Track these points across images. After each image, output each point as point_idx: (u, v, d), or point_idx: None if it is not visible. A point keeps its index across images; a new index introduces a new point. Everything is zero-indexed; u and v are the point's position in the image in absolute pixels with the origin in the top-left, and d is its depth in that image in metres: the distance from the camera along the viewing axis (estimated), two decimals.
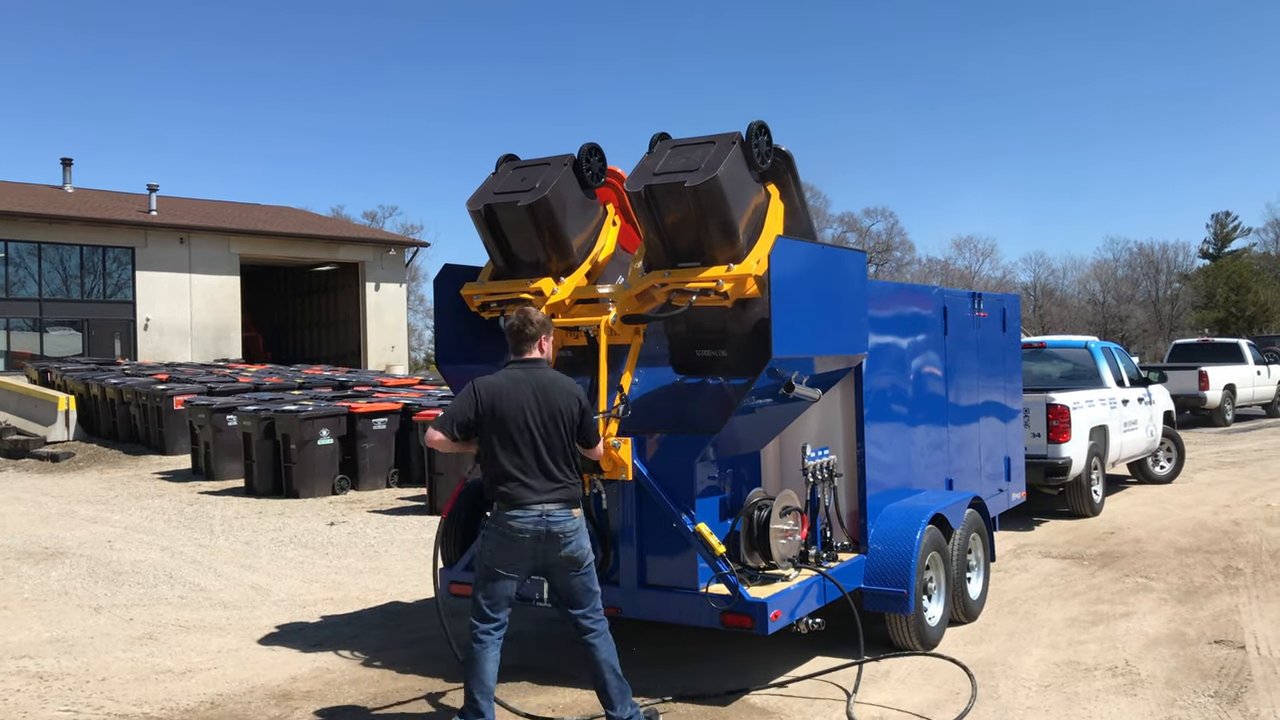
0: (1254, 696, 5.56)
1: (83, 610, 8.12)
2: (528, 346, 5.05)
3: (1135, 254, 70.92)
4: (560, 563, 4.90)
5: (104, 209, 34.38)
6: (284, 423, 14.08)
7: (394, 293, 39.22)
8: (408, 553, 10.16)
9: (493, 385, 4.94)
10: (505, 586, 4.91)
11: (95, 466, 18.24)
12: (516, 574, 4.91)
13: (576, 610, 4.98)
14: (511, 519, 4.82)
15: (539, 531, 4.82)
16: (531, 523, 4.81)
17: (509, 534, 4.83)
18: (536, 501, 4.83)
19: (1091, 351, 12.57)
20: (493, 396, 4.91)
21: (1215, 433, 20.77)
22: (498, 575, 4.88)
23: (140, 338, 33.02)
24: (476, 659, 4.88)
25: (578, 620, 4.98)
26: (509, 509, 4.83)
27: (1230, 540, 9.79)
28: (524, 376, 4.97)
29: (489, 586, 4.90)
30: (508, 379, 4.97)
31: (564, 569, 4.92)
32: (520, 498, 4.82)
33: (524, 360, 5.04)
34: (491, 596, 4.90)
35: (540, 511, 4.82)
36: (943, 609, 6.67)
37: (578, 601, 4.98)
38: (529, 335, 5.03)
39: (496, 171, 6.40)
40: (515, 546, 4.84)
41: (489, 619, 4.91)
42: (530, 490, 4.83)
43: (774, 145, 5.98)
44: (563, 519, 4.86)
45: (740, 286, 5.56)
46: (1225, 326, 55.00)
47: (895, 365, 7.05)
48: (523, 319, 5.05)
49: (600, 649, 4.95)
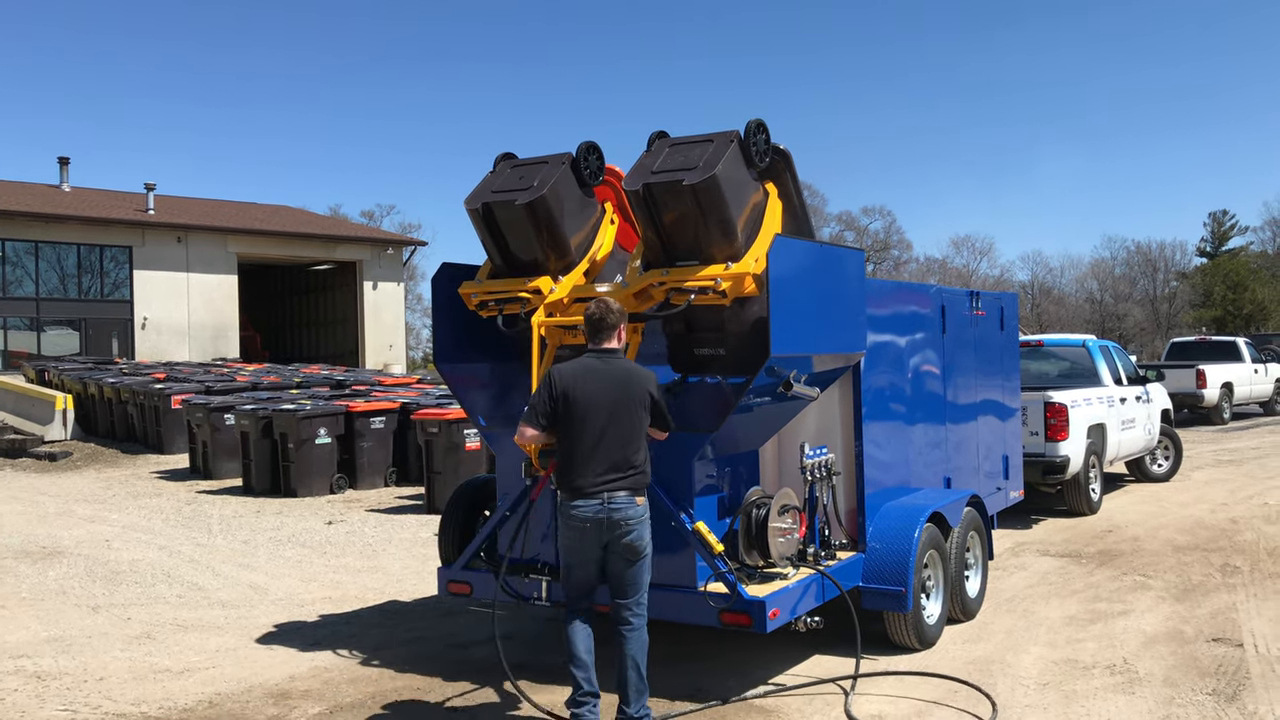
0: (1252, 694, 5.57)
1: (80, 610, 8.11)
2: (606, 336, 5.15)
3: (1133, 252, 71.07)
4: (620, 549, 4.97)
5: (101, 208, 34.35)
6: (282, 422, 14.08)
7: (392, 292, 39.20)
8: (406, 552, 10.16)
9: (568, 373, 5.06)
10: (576, 574, 5.04)
11: (93, 466, 18.23)
12: (587, 563, 5.00)
13: (621, 599, 5.04)
14: (574, 508, 4.94)
15: (600, 519, 4.91)
16: (593, 510, 4.91)
17: (573, 523, 4.96)
18: (601, 489, 4.92)
19: (1089, 350, 12.58)
20: (567, 384, 5.01)
21: (1213, 431, 20.79)
22: (569, 565, 5.03)
23: (138, 337, 32.99)
24: (569, 637, 5.02)
25: (620, 609, 5.05)
26: (573, 498, 4.95)
27: (1228, 538, 9.80)
28: (600, 365, 5.09)
29: (565, 575, 5.08)
30: (583, 367, 5.09)
31: (622, 556, 4.98)
32: (583, 487, 4.93)
33: (601, 350, 5.15)
34: (570, 584, 5.06)
35: (603, 499, 4.92)
36: (941, 607, 6.67)
37: (624, 591, 5.03)
38: (609, 324, 5.14)
39: (494, 170, 6.39)
40: (580, 535, 4.96)
41: (573, 604, 5.08)
42: (595, 477, 4.93)
43: (772, 144, 5.97)
44: (625, 505, 4.94)
45: (739, 285, 5.56)
46: (1223, 325, 55.07)
47: (893, 364, 7.05)
48: (603, 308, 5.16)
49: (631, 642, 4.99)
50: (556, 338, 6.12)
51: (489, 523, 6.40)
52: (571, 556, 5.02)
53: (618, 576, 5.02)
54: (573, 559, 5.01)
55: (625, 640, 4.99)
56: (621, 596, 5.04)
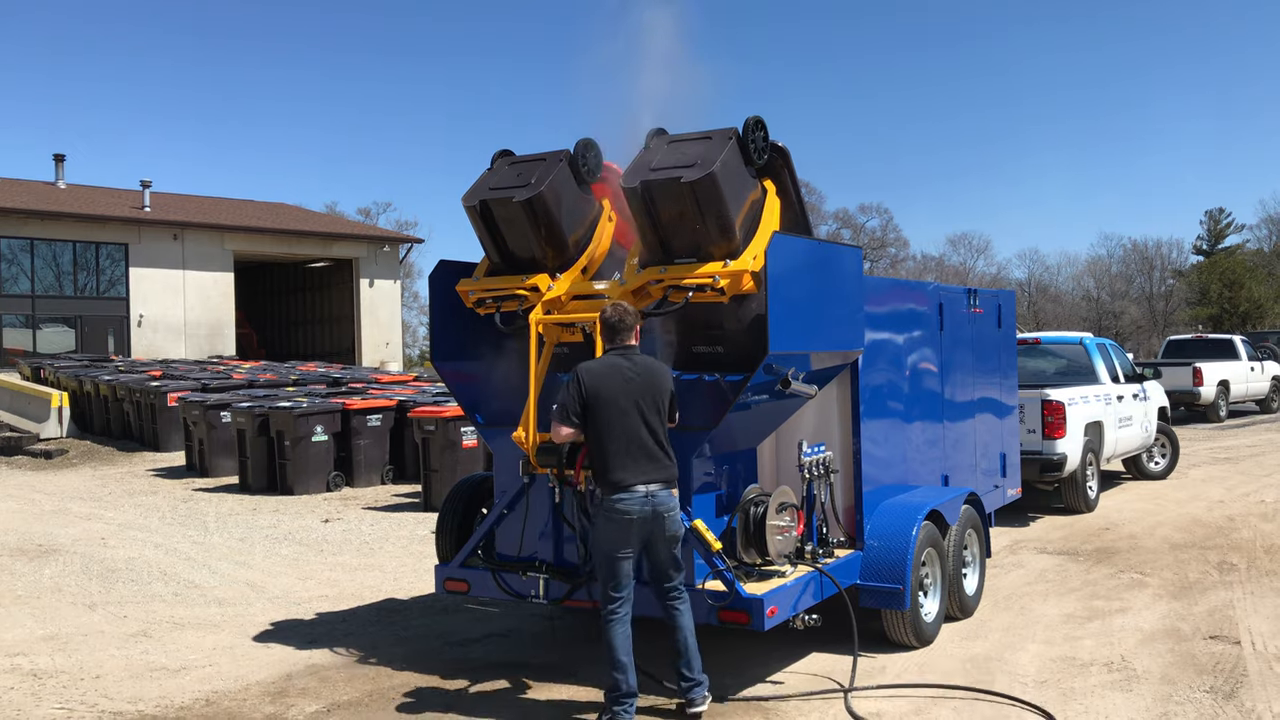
0: (1249, 691, 5.57)
1: (76, 608, 8.09)
2: (625, 336, 5.32)
3: (1129, 250, 71.15)
4: (664, 539, 5.18)
5: (97, 205, 34.26)
6: (278, 419, 14.05)
7: (388, 289, 39.15)
8: (403, 549, 10.14)
9: (594, 370, 5.21)
10: (624, 566, 5.14)
11: (89, 463, 18.20)
12: (631, 553, 5.16)
13: (668, 583, 5.26)
14: (618, 502, 5.08)
15: (645, 513, 5.09)
16: (638, 504, 5.08)
17: (617, 517, 5.08)
18: (642, 483, 5.09)
19: (1086, 348, 12.58)
20: (596, 381, 5.17)
21: (1209, 428, 20.82)
22: (615, 558, 5.12)
23: (134, 334, 32.93)
24: (609, 637, 5.11)
25: (668, 591, 5.26)
26: (615, 493, 5.09)
27: (1225, 536, 9.81)
28: (625, 362, 5.25)
29: (608, 569, 5.15)
30: (608, 365, 5.25)
31: (665, 544, 5.19)
32: (624, 480, 5.08)
33: (623, 347, 5.32)
34: (613, 577, 5.15)
35: (645, 493, 5.09)
36: (939, 605, 6.66)
37: (669, 575, 5.25)
38: (627, 327, 5.32)
39: (492, 167, 6.38)
40: (624, 528, 5.09)
41: (614, 599, 5.15)
42: (633, 472, 5.09)
43: (770, 141, 5.96)
44: (665, 498, 5.15)
45: (737, 282, 5.55)
46: (1219, 323, 55.09)
47: (891, 361, 7.04)
48: (620, 311, 5.33)
49: (684, 615, 5.27)
50: (554, 335, 6.11)
51: (486, 520, 6.39)
52: (615, 548, 5.13)
53: (662, 562, 5.24)
54: (616, 550, 5.13)
55: (680, 614, 5.26)
56: (668, 580, 5.26)
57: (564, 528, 6.01)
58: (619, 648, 5.11)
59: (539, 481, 6.04)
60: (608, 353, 5.34)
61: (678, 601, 5.29)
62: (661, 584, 5.29)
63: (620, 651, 5.11)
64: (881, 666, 6.11)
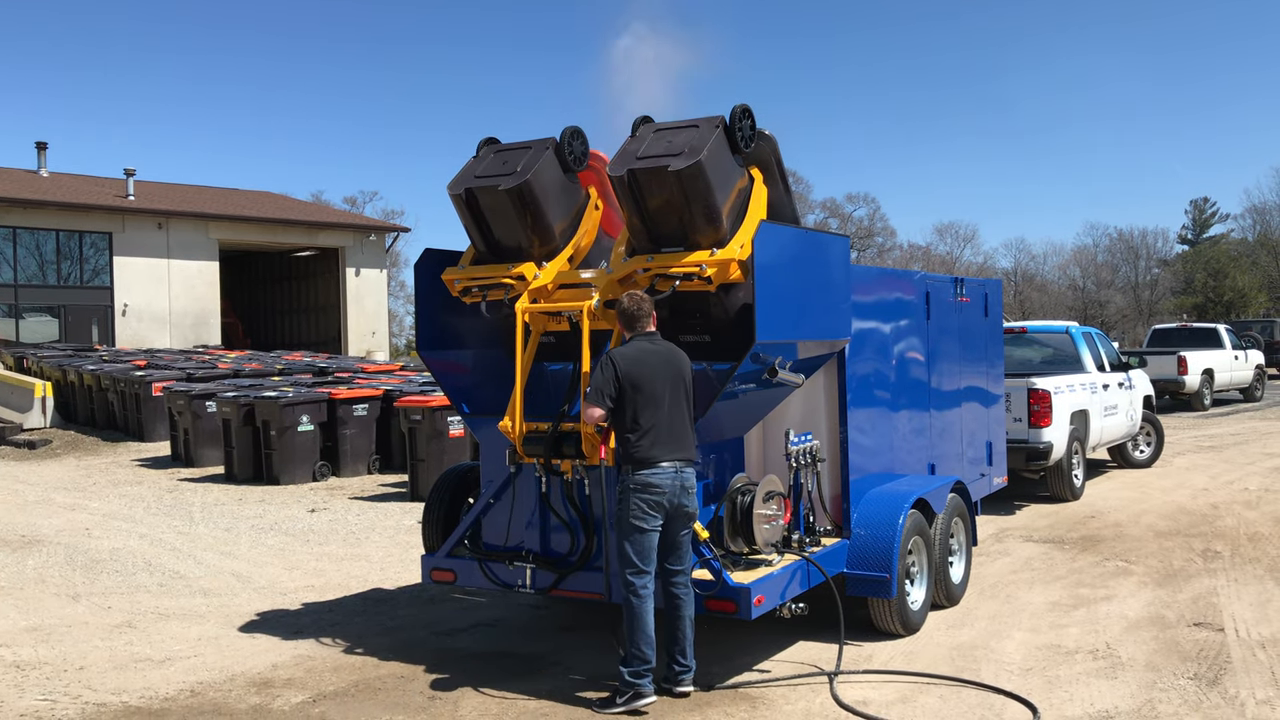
0: (1233, 678, 5.60)
1: (60, 598, 8.04)
2: (645, 323, 5.48)
3: (1115, 240, 71.33)
4: (683, 515, 5.34)
5: (80, 194, 34.01)
6: (264, 409, 13.99)
7: (374, 278, 39.01)
8: (389, 539, 10.12)
9: (627, 355, 5.36)
10: (650, 539, 5.28)
11: (73, 454, 18.10)
12: (660, 526, 5.30)
13: (677, 565, 5.39)
14: (652, 475, 5.25)
15: (675, 486, 5.28)
16: (669, 478, 5.27)
17: (648, 490, 5.24)
18: (670, 459, 5.29)
19: (1072, 337, 12.62)
20: (628, 365, 5.32)
21: (1194, 417, 20.93)
22: (643, 531, 5.25)
23: (118, 324, 32.73)
24: (640, 614, 5.24)
25: (674, 575, 5.39)
26: (646, 468, 5.25)
27: (1209, 524, 9.87)
28: (650, 346, 5.43)
29: (637, 544, 5.25)
30: (638, 349, 5.40)
31: (682, 521, 5.36)
32: (657, 457, 5.27)
33: (646, 333, 5.48)
34: (641, 552, 5.26)
35: (675, 468, 5.29)
36: (925, 593, 6.68)
37: (680, 557, 5.40)
38: (644, 313, 5.46)
39: (477, 155, 6.34)
40: (655, 503, 5.25)
41: (643, 573, 5.27)
42: (666, 449, 5.29)
43: (757, 129, 5.94)
44: (690, 475, 5.36)
45: (724, 271, 5.53)
46: (1203, 312, 55.34)
47: (878, 350, 7.04)
48: (636, 300, 5.46)
49: (687, 603, 5.40)
50: (540, 324, 6.09)
51: (473, 510, 6.38)
52: (644, 522, 5.25)
53: (676, 544, 5.37)
54: (645, 524, 5.25)
55: (684, 602, 5.38)
56: (679, 562, 5.39)
57: (551, 517, 6.00)
58: (648, 624, 5.25)
59: (526, 471, 6.03)
60: (634, 339, 5.46)
61: (683, 590, 5.40)
62: (670, 567, 5.39)
63: (649, 626, 5.25)
64: (868, 655, 6.12)
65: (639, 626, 5.24)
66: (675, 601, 5.39)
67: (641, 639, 5.24)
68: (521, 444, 5.84)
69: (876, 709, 5.23)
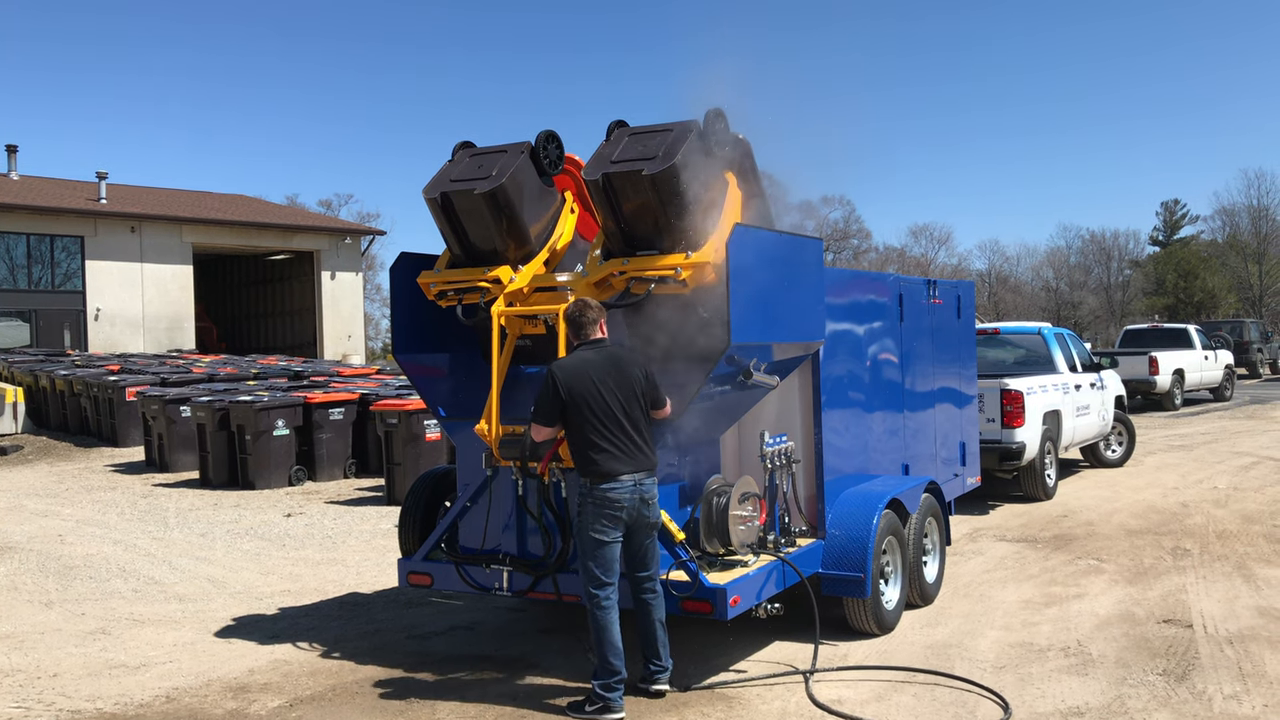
0: (1201, 674, 5.69)
1: (33, 605, 7.98)
2: (590, 330, 5.41)
3: (1087, 241, 72.03)
4: (645, 525, 5.33)
5: (52, 197, 33.65)
6: (239, 413, 13.92)
7: (350, 282, 38.83)
8: (365, 543, 10.09)
9: (568, 368, 5.29)
10: (612, 551, 5.26)
11: (45, 459, 17.92)
12: (620, 538, 5.29)
13: (644, 572, 5.39)
14: (609, 490, 5.19)
15: (634, 499, 5.23)
16: (628, 492, 5.22)
17: (607, 504, 5.19)
18: (629, 471, 5.23)
19: (1045, 337, 12.74)
20: (569, 378, 5.25)
21: (1165, 417, 21.16)
22: (603, 544, 5.23)
23: (91, 328, 32.41)
24: (605, 625, 5.23)
25: (642, 582, 5.39)
26: (604, 482, 5.20)
27: (1179, 522, 9.99)
28: (594, 356, 5.34)
29: (598, 556, 5.23)
30: (580, 361, 5.33)
31: (645, 531, 5.34)
32: (614, 470, 5.21)
33: (591, 341, 5.40)
34: (603, 564, 5.24)
35: (634, 481, 5.24)
36: (899, 593, 6.74)
37: (647, 564, 5.39)
38: (590, 320, 5.41)
39: (453, 159, 6.35)
40: (613, 516, 5.21)
41: (605, 584, 5.24)
42: (621, 461, 5.22)
43: (731, 133, 5.98)
44: (650, 486, 5.32)
45: (699, 274, 5.57)
46: (1174, 312, 55.94)
47: (852, 352, 7.10)
48: (580, 306, 5.43)
49: (658, 608, 5.41)
50: (516, 327, 6.10)
51: (449, 513, 6.38)
52: (605, 535, 5.22)
53: (642, 551, 5.37)
54: (606, 536, 5.23)
55: (653, 607, 5.39)
56: (644, 569, 5.39)
57: (527, 520, 6.02)
58: (614, 635, 5.23)
59: (502, 474, 6.04)
60: (577, 348, 5.39)
61: (649, 596, 5.40)
62: (636, 574, 5.38)
63: (615, 637, 5.24)
64: (843, 654, 6.17)
65: (605, 639, 5.22)
66: (645, 607, 5.41)
67: (609, 650, 5.22)
68: (498, 447, 5.85)
69: (852, 707, 5.28)
